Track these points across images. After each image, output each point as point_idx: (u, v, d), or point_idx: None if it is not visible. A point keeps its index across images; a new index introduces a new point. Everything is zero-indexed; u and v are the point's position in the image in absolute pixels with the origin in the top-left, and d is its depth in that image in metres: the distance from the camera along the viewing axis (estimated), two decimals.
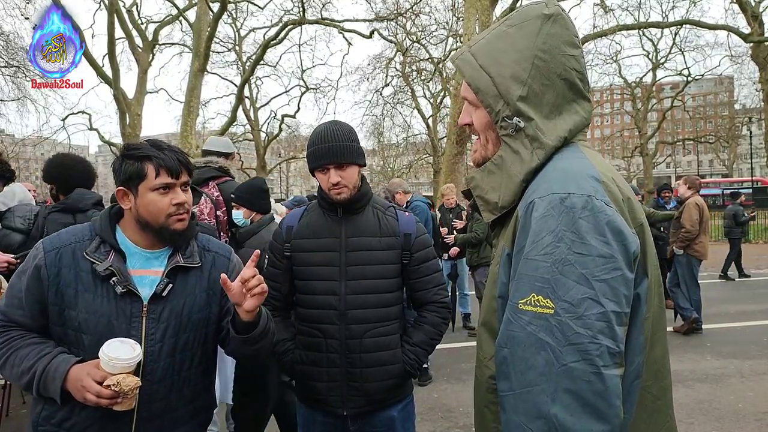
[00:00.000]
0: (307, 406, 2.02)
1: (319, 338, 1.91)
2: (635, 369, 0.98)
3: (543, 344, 0.90)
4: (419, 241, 2.00)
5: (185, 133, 14.49)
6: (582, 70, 1.11)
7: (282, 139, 32.92)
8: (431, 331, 2.00)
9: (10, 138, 26.39)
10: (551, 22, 1.09)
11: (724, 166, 50.36)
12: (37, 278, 1.47)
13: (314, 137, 1.93)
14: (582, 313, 0.88)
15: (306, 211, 2.04)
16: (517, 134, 1.08)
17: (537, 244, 0.94)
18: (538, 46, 1.08)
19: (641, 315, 0.98)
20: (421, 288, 2.01)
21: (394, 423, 1.97)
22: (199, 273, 1.59)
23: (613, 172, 1.07)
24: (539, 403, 0.88)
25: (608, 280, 0.89)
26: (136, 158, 1.51)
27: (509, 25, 1.13)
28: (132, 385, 1.35)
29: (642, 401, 1.00)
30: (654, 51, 29.11)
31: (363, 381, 1.89)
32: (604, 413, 0.86)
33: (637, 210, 1.02)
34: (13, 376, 1.47)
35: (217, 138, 4.02)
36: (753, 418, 4.03)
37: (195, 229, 1.65)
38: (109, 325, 1.45)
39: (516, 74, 1.08)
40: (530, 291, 0.93)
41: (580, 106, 1.12)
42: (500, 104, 1.09)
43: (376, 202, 2.03)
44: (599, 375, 0.86)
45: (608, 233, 0.91)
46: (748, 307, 7.82)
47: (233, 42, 25.95)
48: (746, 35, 17.73)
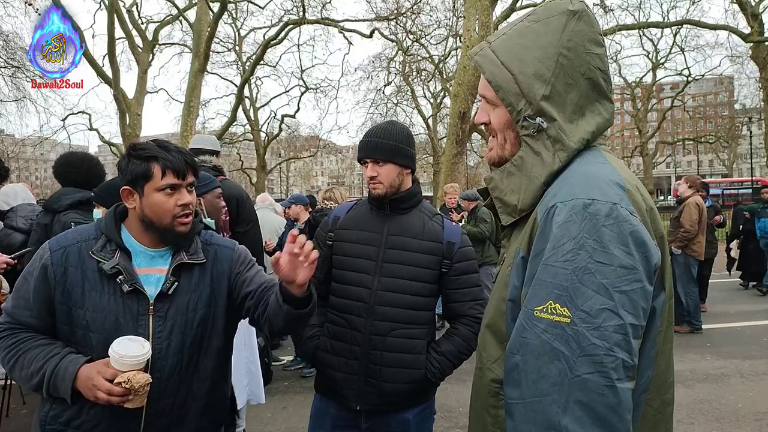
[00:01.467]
0: (322, 395, 2.03)
1: (346, 328, 1.93)
2: (645, 382, 0.96)
3: (557, 354, 0.87)
4: (462, 252, 1.99)
5: (185, 134, 14.46)
6: (606, 70, 1.08)
7: (282, 139, 32.89)
8: (461, 344, 1.97)
9: (10, 138, 26.38)
10: (577, 18, 1.05)
11: (724, 166, 50.34)
12: (44, 278, 1.48)
13: (365, 132, 2.03)
14: (599, 324, 0.86)
15: (356, 205, 2.09)
16: (539, 135, 1.04)
17: (557, 251, 0.91)
18: (562, 44, 1.04)
19: (655, 329, 0.95)
20: (457, 300, 1.99)
21: (408, 425, 1.94)
22: (202, 268, 1.61)
23: (636, 179, 1.04)
24: (550, 414, 0.86)
25: (628, 291, 0.87)
26: (143, 158, 1.51)
27: (533, 20, 1.08)
28: (143, 382, 1.36)
29: (644, 415, 0.98)
30: (654, 51, 29.14)
31: (381, 379, 1.89)
32: (615, 427, 0.84)
33: (658, 221, 0.99)
34: (23, 378, 1.47)
35: (204, 136, 3.97)
36: (753, 418, 4.03)
37: (198, 227, 1.66)
38: (116, 323, 1.46)
39: (539, 72, 1.04)
40: (547, 298, 0.90)
41: (603, 107, 1.09)
42: (522, 103, 1.05)
43: (424, 207, 2.05)
44: (613, 388, 0.84)
45: (631, 243, 0.89)
46: (748, 307, 7.82)
47: (233, 42, 25.95)
48: (746, 35, 17.71)
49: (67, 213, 2.92)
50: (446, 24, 23.01)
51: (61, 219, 2.90)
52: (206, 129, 26.38)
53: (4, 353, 1.48)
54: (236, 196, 3.60)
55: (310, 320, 1.60)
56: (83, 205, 3.00)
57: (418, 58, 25.30)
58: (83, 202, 3.00)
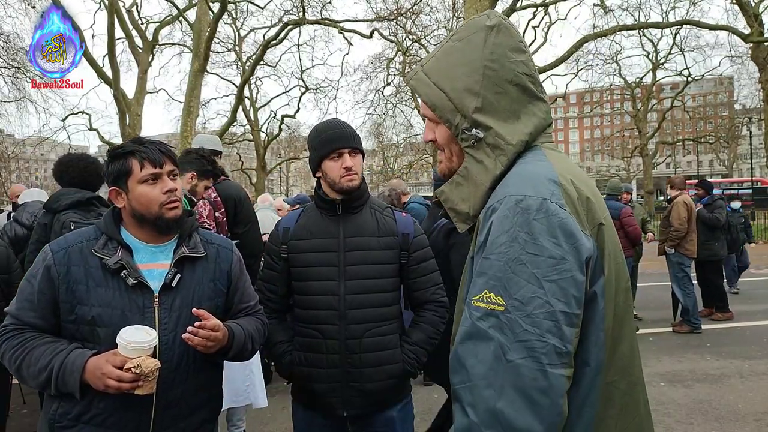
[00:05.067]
0: (305, 407, 2.01)
1: (319, 339, 1.91)
2: (596, 365, 0.99)
3: (493, 340, 0.92)
4: (417, 241, 2.01)
5: (185, 134, 14.45)
6: (532, 73, 1.14)
7: (282, 140, 32.90)
8: (430, 330, 2.01)
9: (10, 138, 26.39)
10: (495, 32, 1.12)
11: (724, 166, 50.34)
12: (47, 279, 1.51)
13: (322, 127, 1.99)
14: (531, 311, 0.91)
15: (303, 213, 2.05)
16: (478, 144, 1.11)
17: (492, 243, 0.98)
18: (486, 57, 1.11)
19: (599, 311, 0.99)
20: (419, 287, 2.02)
21: (393, 423, 1.97)
22: (205, 263, 1.65)
23: (574, 172, 1.10)
24: (487, 398, 0.91)
25: (558, 280, 0.92)
26: (120, 156, 1.58)
27: (456, 39, 1.16)
28: (152, 366, 1.38)
29: (609, 397, 1.02)
30: (654, 51, 29.07)
31: (363, 381, 1.89)
32: (547, 411, 0.89)
33: (597, 209, 1.05)
34: (30, 376, 1.49)
35: (207, 136, 3.98)
36: (753, 418, 4.03)
37: (194, 221, 1.71)
38: (123, 317, 1.49)
39: (469, 86, 1.11)
40: (483, 288, 0.96)
41: (537, 107, 1.14)
42: (458, 118, 1.12)
43: (373, 203, 2.05)
44: (544, 372, 0.89)
45: (560, 235, 0.95)
46: (748, 307, 7.81)
47: (233, 42, 25.93)
48: (746, 35, 17.70)
49: (66, 213, 2.94)
50: (446, 24, 23.03)
51: (60, 219, 2.91)
52: (206, 129, 26.38)
53: (10, 353, 1.49)
54: (234, 197, 3.60)
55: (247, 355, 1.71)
56: (82, 205, 3.02)
57: (418, 58, 25.30)
58: (82, 202, 3.01)
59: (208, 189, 3.52)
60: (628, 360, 1.06)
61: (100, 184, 3.13)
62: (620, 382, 1.04)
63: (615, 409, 1.03)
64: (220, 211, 3.50)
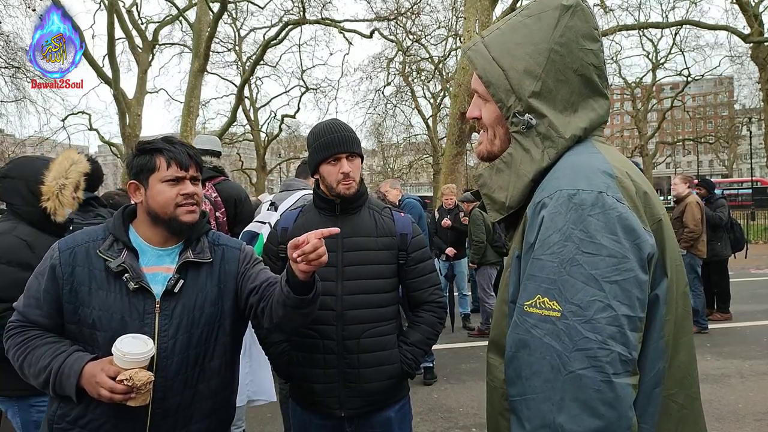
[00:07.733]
0: (302, 408, 2.01)
1: (316, 339, 1.90)
2: (656, 376, 0.92)
3: (549, 349, 0.85)
4: (415, 241, 2.01)
5: (185, 134, 14.47)
6: (600, 66, 1.06)
7: (282, 140, 32.91)
8: (428, 330, 2.00)
9: (10, 138, 26.38)
10: (570, 13, 1.03)
11: (724, 166, 50.31)
12: (52, 278, 1.51)
13: (321, 130, 1.94)
14: (591, 316, 0.83)
15: (301, 213, 2.04)
16: (528, 132, 1.03)
17: (544, 243, 0.90)
18: (554, 39, 1.02)
19: (660, 317, 0.92)
20: (417, 288, 2.02)
21: (391, 424, 1.96)
22: (209, 268, 1.62)
23: (628, 165, 1.02)
24: (544, 411, 0.84)
25: (620, 281, 0.84)
26: (148, 151, 1.57)
27: (526, 15, 1.07)
28: (144, 380, 1.36)
29: (666, 410, 0.94)
30: (654, 51, 29.12)
31: (361, 382, 1.89)
32: (615, 425, 0.81)
33: (655, 205, 0.96)
34: (31, 375, 1.49)
35: (207, 136, 3.97)
36: (753, 418, 4.03)
37: (206, 225, 1.68)
38: (123, 321, 1.48)
39: (530, 68, 1.02)
40: (536, 292, 0.88)
41: (597, 103, 1.06)
42: (512, 99, 1.04)
43: (371, 203, 2.04)
44: (610, 383, 0.81)
45: (620, 231, 0.86)
46: (748, 307, 7.80)
47: (233, 42, 25.93)
48: (746, 35, 17.70)
49: None
50: (446, 24, 23.05)
51: None
52: (206, 129, 26.40)
53: (14, 350, 1.50)
54: (234, 197, 3.60)
55: (310, 313, 1.58)
56: (81, 205, 3.01)
57: (418, 58, 25.30)
58: (81, 202, 3.01)
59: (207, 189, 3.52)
60: (686, 371, 0.97)
61: (99, 185, 3.12)
62: (678, 396, 0.95)
63: (671, 423, 0.94)
64: (221, 211, 3.50)
